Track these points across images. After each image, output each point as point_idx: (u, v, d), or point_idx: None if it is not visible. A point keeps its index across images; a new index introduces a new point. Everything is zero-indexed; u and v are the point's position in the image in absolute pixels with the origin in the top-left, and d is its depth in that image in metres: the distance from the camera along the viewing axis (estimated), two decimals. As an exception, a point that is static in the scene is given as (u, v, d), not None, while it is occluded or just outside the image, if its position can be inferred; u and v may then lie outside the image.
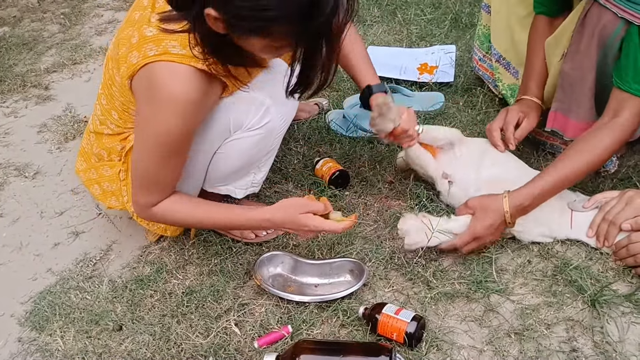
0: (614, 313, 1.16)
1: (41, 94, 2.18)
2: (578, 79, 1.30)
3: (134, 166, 1.21)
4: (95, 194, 1.40)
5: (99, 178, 1.37)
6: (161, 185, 1.21)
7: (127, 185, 1.32)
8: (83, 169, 1.41)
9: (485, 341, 1.14)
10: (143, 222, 1.37)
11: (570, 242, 1.32)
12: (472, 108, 1.76)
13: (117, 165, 1.33)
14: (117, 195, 1.36)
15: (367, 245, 1.36)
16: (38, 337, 1.27)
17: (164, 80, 1.07)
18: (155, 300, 1.31)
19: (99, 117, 1.32)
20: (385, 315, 1.14)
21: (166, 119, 1.10)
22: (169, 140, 1.13)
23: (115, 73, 1.21)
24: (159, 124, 1.11)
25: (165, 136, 1.12)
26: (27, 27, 2.72)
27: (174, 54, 1.07)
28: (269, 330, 1.20)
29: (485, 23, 1.77)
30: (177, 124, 1.11)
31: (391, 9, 2.35)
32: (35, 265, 1.47)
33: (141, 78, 1.11)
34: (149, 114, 1.12)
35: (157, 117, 1.11)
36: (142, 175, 1.20)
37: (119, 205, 1.38)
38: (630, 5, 1.16)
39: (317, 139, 1.72)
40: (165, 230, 1.39)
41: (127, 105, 1.24)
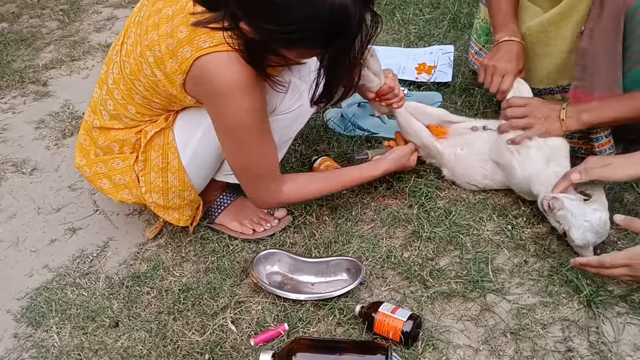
0: (610, 313, 1.17)
1: (39, 90, 2.18)
2: (601, 53, 1.29)
3: (238, 171, 1.27)
4: (104, 188, 1.38)
5: (109, 172, 1.35)
6: (271, 170, 1.27)
7: (145, 176, 1.32)
8: (87, 163, 1.38)
9: (481, 340, 1.15)
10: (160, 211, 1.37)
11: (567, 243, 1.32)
12: (469, 108, 1.77)
13: (130, 157, 1.32)
14: (131, 188, 1.35)
15: (364, 244, 1.37)
16: (34, 333, 1.27)
17: (221, 71, 1.11)
18: (151, 297, 1.31)
19: (111, 112, 1.30)
20: (382, 314, 1.14)
21: (238, 106, 1.13)
22: (252, 120, 1.16)
23: (154, 67, 1.17)
24: (235, 114, 1.15)
25: (247, 120, 1.16)
26: (25, 23, 2.72)
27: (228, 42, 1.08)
28: (265, 328, 1.20)
29: (483, 17, 1.76)
30: (250, 102, 1.14)
31: (390, 8, 2.35)
32: (32, 262, 1.47)
33: (196, 74, 1.13)
34: (222, 111, 1.16)
35: (230, 110, 1.14)
36: (249, 172, 1.26)
37: (131, 199, 1.37)
38: None
39: (315, 137, 1.73)
40: (178, 220, 1.39)
41: (151, 99, 1.23)
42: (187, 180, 1.32)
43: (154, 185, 1.32)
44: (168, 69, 1.15)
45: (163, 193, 1.33)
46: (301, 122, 1.36)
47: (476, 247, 1.33)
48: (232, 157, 1.26)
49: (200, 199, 1.40)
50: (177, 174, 1.31)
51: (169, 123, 1.29)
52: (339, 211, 1.47)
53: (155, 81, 1.19)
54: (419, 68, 1.95)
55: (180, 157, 1.29)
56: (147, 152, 1.30)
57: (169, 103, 1.25)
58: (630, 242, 1.30)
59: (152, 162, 1.31)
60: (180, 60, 1.13)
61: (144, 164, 1.31)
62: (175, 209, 1.37)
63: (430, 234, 1.36)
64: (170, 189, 1.33)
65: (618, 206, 1.38)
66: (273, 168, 1.28)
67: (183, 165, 1.30)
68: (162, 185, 1.32)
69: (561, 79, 1.48)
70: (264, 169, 1.26)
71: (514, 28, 1.46)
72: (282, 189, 1.30)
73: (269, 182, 1.28)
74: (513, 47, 1.43)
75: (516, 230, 1.36)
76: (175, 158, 1.29)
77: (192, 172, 1.31)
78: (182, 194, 1.34)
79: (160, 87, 1.20)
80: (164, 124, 1.28)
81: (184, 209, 1.38)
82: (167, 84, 1.18)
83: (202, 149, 1.29)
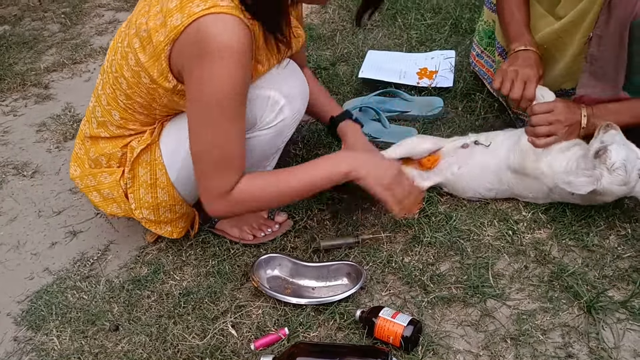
0: (610, 319, 1.17)
1: (41, 93, 2.18)
2: (610, 59, 1.31)
3: (199, 153, 1.15)
4: (95, 201, 1.38)
5: (98, 185, 1.35)
6: (236, 159, 1.15)
7: (134, 192, 1.31)
8: (79, 175, 1.38)
9: (481, 346, 1.15)
10: (151, 226, 1.35)
11: (567, 248, 1.32)
12: (470, 113, 1.77)
13: (117, 172, 1.32)
14: (119, 203, 1.35)
15: (365, 249, 1.37)
16: (34, 337, 1.27)
17: (216, 31, 1.04)
18: (152, 301, 1.31)
19: (98, 119, 1.31)
20: (382, 318, 1.14)
21: (225, 71, 1.06)
22: (232, 95, 1.09)
23: (139, 52, 1.15)
24: (218, 80, 1.07)
25: (227, 92, 1.08)
26: (27, 25, 2.73)
27: (223, 6, 1.05)
28: (265, 332, 1.20)
29: (486, 19, 1.76)
30: (238, 74, 1.07)
31: (391, 13, 2.36)
32: (32, 265, 1.47)
33: (187, 39, 1.07)
34: (204, 74, 1.07)
35: (214, 73, 1.06)
36: (211, 155, 1.14)
37: (120, 212, 1.37)
38: None
39: (315, 142, 1.73)
40: (171, 233, 1.38)
41: (134, 99, 1.22)
42: (176, 195, 1.30)
43: (144, 201, 1.31)
44: (154, 42, 1.11)
45: (153, 209, 1.32)
46: (285, 137, 1.32)
47: (477, 253, 1.33)
48: (197, 133, 1.14)
49: (194, 211, 1.39)
50: (166, 190, 1.30)
51: (155, 138, 1.27)
52: (340, 216, 1.47)
53: (138, 71, 1.17)
54: (420, 73, 1.95)
55: (168, 174, 1.28)
56: (135, 169, 1.29)
57: (150, 99, 1.21)
58: (630, 248, 1.30)
59: (140, 179, 1.29)
60: (168, 29, 1.08)
61: (132, 180, 1.30)
62: (168, 223, 1.36)
63: (430, 239, 1.36)
64: (160, 204, 1.31)
65: (619, 212, 1.38)
66: (235, 157, 1.16)
67: (171, 181, 1.28)
68: (151, 201, 1.31)
69: (564, 83, 1.49)
70: (226, 158, 1.14)
71: (530, 39, 1.45)
72: (232, 189, 1.16)
73: (223, 176, 1.15)
74: (531, 55, 1.41)
75: (517, 235, 1.36)
76: (163, 174, 1.28)
77: (181, 187, 1.30)
78: (173, 208, 1.33)
79: (143, 77, 1.17)
80: (150, 139, 1.27)
81: (177, 222, 1.38)
82: (151, 65, 1.14)
83: (190, 164, 1.25)
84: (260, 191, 1.20)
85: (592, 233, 1.33)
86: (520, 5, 1.50)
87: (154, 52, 1.13)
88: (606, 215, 1.37)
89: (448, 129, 1.71)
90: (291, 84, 1.26)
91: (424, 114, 1.78)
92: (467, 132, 1.67)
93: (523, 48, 1.43)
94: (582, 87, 1.39)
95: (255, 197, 1.20)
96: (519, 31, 1.47)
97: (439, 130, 1.71)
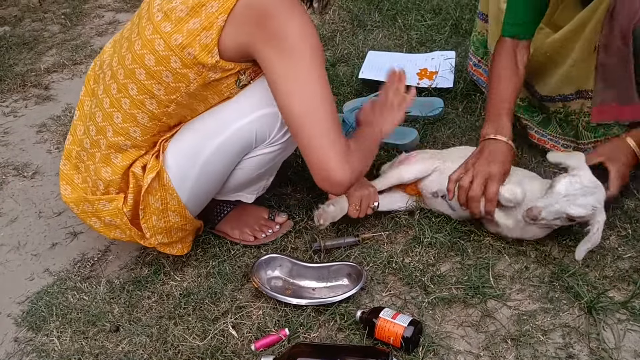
0: (610, 320, 1.17)
1: (41, 94, 2.18)
2: (619, 66, 1.31)
3: (310, 114, 1.08)
4: (95, 227, 1.32)
5: (97, 212, 1.28)
6: (336, 118, 1.11)
7: (147, 222, 1.26)
8: (73, 200, 1.30)
9: (482, 347, 1.15)
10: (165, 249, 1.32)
11: (568, 248, 1.32)
12: (471, 114, 1.77)
13: (117, 199, 1.25)
14: (123, 229, 1.29)
15: (365, 249, 1.37)
16: (34, 337, 1.27)
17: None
18: (152, 302, 1.31)
19: (98, 124, 1.24)
20: (383, 319, 1.14)
21: (300, 22, 1.07)
22: (316, 42, 1.08)
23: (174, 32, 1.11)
24: (299, 31, 1.07)
25: (311, 39, 1.07)
26: (27, 26, 2.73)
27: None
28: (266, 333, 1.20)
29: (480, 30, 1.78)
30: (308, 21, 1.09)
31: (392, 14, 2.36)
32: (33, 265, 1.47)
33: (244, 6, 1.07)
34: (287, 28, 1.06)
35: (291, 26, 1.06)
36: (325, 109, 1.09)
37: (125, 238, 1.31)
38: None
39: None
40: (182, 250, 1.36)
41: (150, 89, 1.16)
42: (187, 214, 1.29)
43: (157, 227, 1.28)
44: (202, 15, 1.08)
45: (166, 232, 1.30)
46: (294, 147, 1.31)
47: (477, 253, 1.33)
48: (300, 94, 1.08)
49: (200, 222, 1.38)
50: (177, 212, 1.28)
51: (160, 163, 1.22)
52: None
53: (167, 56, 1.12)
54: (420, 74, 1.95)
55: (179, 197, 1.25)
56: (146, 200, 1.24)
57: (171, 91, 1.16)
58: (630, 249, 1.30)
59: (152, 207, 1.25)
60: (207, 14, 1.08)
61: (144, 211, 1.25)
62: (179, 241, 1.35)
63: (431, 240, 1.36)
64: (172, 226, 1.29)
65: (619, 213, 1.38)
66: (337, 118, 1.11)
67: (183, 202, 1.26)
68: (164, 225, 1.28)
69: (563, 88, 1.49)
70: (333, 103, 1.10)
71: (505, 123, 1.32)
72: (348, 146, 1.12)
73: (339, 127, 1.11)
74: (500, 147, 1.29)
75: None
76: (174, 198, 1.25)
77: (192, 206, 1.29)
78: (185, 227, 1.32)
79: (172, 62, 1.12)
80: (155, 163, 1.22)
81: (187, 237, 1.37)
82: (191, 41, 1.10)
83: (203, 183, 1.26)
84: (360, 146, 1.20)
85: (592, 233, 1.33)
86: (509, 71, 1.38)
87: (201, 26, 1.09)
88: (607, 216, 1.37)
89: (448, 130, 1.71)
90: None
91: (424, 115, 1.78)
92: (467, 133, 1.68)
93: (492, 137, 1.31)
94: (597, 95, 1.38)
95: (362, 150, 1.20)
96: (497, 109, 1.35)
97: (439, 131, 1.71)
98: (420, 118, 1.77)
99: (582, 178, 1.21)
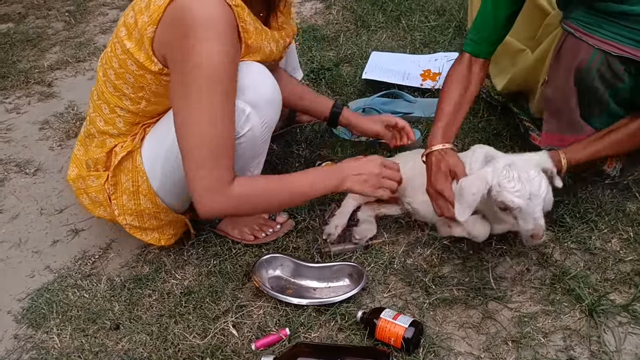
0: (611, 323, 1.16)
1: (44, 91, 2.19)
2: (562, 102, 1.33)
3: (191, 140, 1.10)
4: (85, 204, 1.39)
5: (87, 188, 1.35)
6: (229, 145, 1.12)
7: (117, 199, 1.31)
8: (73, 178, 1.39)
9: (483, 348, 1.14)
10: (136, 232, 1.35)
11: (570, 251, 1.32)
12: (473, 115, 1.77)
13: (103, 175, 1.31)
14: (105, 206, 1.35)
15: (367, 250, 1.36)
16: (34, 335, 1.27)
17: (197, 6, 1.05)
18: (153, 300, 1.31)
19: (91, 115, 1.32)
20: (383, 320, 1.14)
21: (211, 46, 1.06)
22: (221, 69, 1.07)
23: (125, 39, 1.16)
24: (206, 55, 1.06)
25: (216, 66, 1.06)
26: (31, 23, 2.73)
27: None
28: (266, 332, 1.20)
29: None
30: (223, 49, 1.07)
31: (395, 15, 2.36)
32: (34, 262, 1.47)
33: (169, 20, 1.08)
34: (190, 52, 1.06)
35: (201, 49, 1.05)
36: (205, 140, 1.09)
37: (107, 216, 1.37)
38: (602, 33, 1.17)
39: (319, 142, 1.73)
40: (159, 240, 1.37)
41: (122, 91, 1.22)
42: (159, 202, 1.29)
43: (127, 207, 1.31)
44: (139, 25, 1.12)
45: (137, 215, 1.32)
46: (259, 144, 1.26)
47: (479, 255, 1.33)
48: (186, 119, 1.10)
49: (183, 218, 1.38)
50: (148, 197, 1.29)
51: (136, 145, 1.27)
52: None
53: (125, 59, 1.18)
54: (424, 75, 1.95)
55: (149, 181, 1.27)
56: (117, 176, 1.29)
57: (138, 88, 1.20)
58: (632, 252, 1.30)
59: (123, 186, 1.29)
60: (152, 10, 1.10)
61: (115, 187, 1.30)
62: (154, 230, 1.36)
63: (433, 241, 1.36)
64: (144, 211, 1.31)
65: (621, 216, 1.38)
66: (229, 146, 1.12)
67: (153, 189, 1.28)
68: (134, 207, 1.31)
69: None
70: (221, 142, 1.10)
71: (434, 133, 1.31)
72: (231, 181, 1.12)
73: (220, 165, 1.11)
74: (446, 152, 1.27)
75: (519, 238, 1.36)
76: (144, 182, 1.27)
77: (163, 195, 1.29)
78: (158, 216, 1.33)
79: (129, 65, 1.17)
80: (131, 146, 1.27)
81: (164, 229, 1.37)
82: (136, 50, 1.15)
83: (169, 169, 1.25)
84: (261, 190, 1.19)
85: (594, 236, 1.33)
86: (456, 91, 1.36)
87: (139, 36, 1.14)
88: (608, 219, 1.36)
89: (451, 131, 1.71)
90: (259, 91, 1.21)
91: (427, 116, 1.77)
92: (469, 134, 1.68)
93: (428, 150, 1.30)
94: (545, 122, 1.40)
95: (256, 194, 1.18)
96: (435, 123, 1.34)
97: (441, 132, 1.71)
98: (423, 119, 1.77)
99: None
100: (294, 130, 1.77)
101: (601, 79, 1.23)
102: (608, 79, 1.23)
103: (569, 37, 1.24)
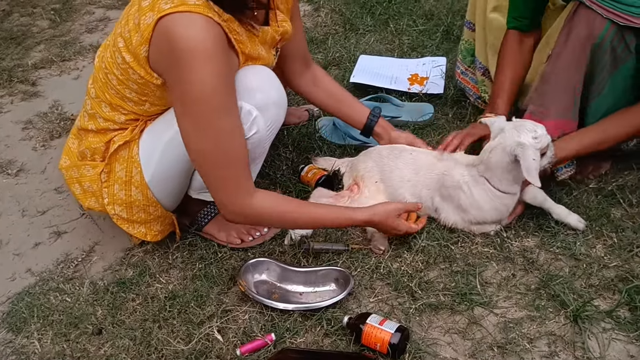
0: (596, 329, 1.17)
1: (28, 90, 2.15)
2: (561, 78, 1.31)
3: (201, 157, 1.14)
4: (76, 193, 1.38)
5: (80, 177, 1.35)
6: (240, 159, 1.15)
7: (109, 187, 1.31)
8: (66, 166, 1.39)
9: (468, 354, 1.14)
10: (123, 224, 1.35)
11: (555, 256, 1.33)
12: (461, 120, 1.78)
13: (99, 165, 1.31)
14: (97, 197, 1.34)
15: (353, 254, 1.36)
16: (14, 339, 1.25)
17: (182, 31, 1.05)
18: (136, 304, 1.29)
19: (88, 111, 1.31)
20: (370, 325, 1.14)
21: (202, 70, 1.06)
22: (217, 90, 1.08)
23: (123, 51, 1.16)
24: (198, 79, 1.06)
25: (211, 88, 1.07)
26: (16, 21, 2.69)
27: (191, 4, 1.05)
28: (252, 337, 1.19)
29: (467, 38, 1.80)
30: (215, 69, 1.07)
31: (384, 18, 2.37)
32: (15, 265, 1.44)
33: (159, 40, 1.07)
34: (183, 77, 1.07)
35: (192, 74, 1.06)
36: (214, 159, 1.12)
37: (97, 207, 1.36)
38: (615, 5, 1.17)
39: (306, 145, 1.72)
40: (145, 235, 1.37)
41: (123, 94, 1.22)
42: (150, 195, 1.29)
43: (117, 197, 1.31)
44: (134, 43, 1.12)
45: (126, 206, 1.31)
46: (263, 145, 1.28)
47: (465, 260, 1.33)
48: (193, 141, 1.13)
49: (171, 215, 1.37)
50: (140, 189, 1.29)
51: (135, 135, 1.27)
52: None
53: (126, 69, 1.17)
54: (411, 79, 1.96)
55: (142, 173, 1.27)
56: (112, 164, 1.29)
57: (142, 93, 1.21)
58: (616, 258, 1.31)
59: (116, 175, 1.29)
60: (142, 28, 1.09)
61: (108, 175, 1.30)
62: (142, 224, 1.35)
63: (419, 246, 1.36)
64: (134, 202, 1.31)
65: (606, 222, 1.39)
66: (241, 158, 1.15)
67: (145, 181, 1.27)
68: (125, 198, 1.30)
69: None
70: (231, 156, 1.13)
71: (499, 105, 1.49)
72: (252, 194, 1.18)
73: (236, 177, 1.15)
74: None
75: (505, 243, 1.37)
76: (138, 173, 1.27)
77: (155, 188, 1.29)
78: (147, 209, 1.32)
79: (131, 74, 1.17)
80: (130, 136, 1.27)
81: (152, 224, 1.36)
82: (136, 65, 1.15)
83: (165, 164, 1.26)
84: (282, 213, 1.24)
85: (579, 242, 1.34)
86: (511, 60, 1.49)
87: (136, 55, 1.14)
88: (593, 225, 1.38)
89: (438, 135, 1.71)
90: (267, 93, 1.22)
91: (414, 120, 1.78)
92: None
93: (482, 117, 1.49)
94: (532, 105, 1.38)
95: (276, 217, 1.23)
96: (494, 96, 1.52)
97: (429, 136, 1.71)
98: (410, 123, 1.77)
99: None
100: (282, 132, 1.76)
101: (612, 53, 1.22)
102: (619, 53, 1.22)
103: (581, 8, 1.22)
